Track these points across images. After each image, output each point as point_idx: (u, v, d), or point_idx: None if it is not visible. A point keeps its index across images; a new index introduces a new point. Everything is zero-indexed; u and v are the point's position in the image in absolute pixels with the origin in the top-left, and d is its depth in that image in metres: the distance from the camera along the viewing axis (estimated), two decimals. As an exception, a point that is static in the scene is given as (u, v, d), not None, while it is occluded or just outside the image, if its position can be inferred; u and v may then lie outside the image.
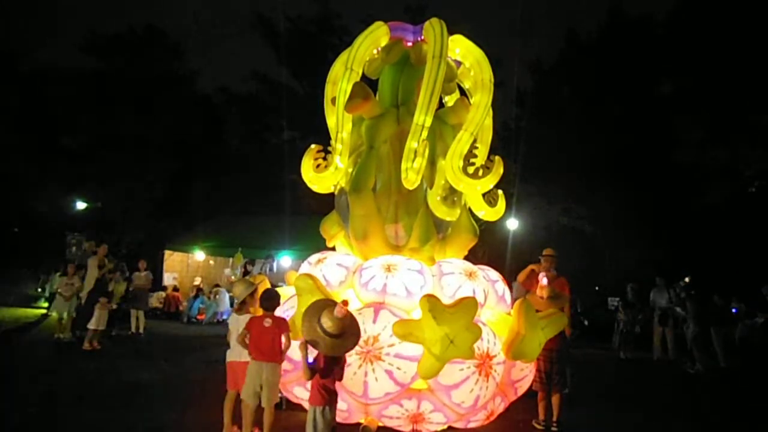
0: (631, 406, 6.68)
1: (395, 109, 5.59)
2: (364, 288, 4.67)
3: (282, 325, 4.20)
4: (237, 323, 4.53)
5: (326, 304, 3.84)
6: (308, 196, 11.77)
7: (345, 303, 3.76)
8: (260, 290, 5.04)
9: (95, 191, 19.46)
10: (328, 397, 3.74)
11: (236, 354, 4.47)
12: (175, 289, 14.71)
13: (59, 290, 9.53)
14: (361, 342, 4.27)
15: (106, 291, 9.39)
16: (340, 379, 3.88)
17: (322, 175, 5.47)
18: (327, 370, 3.72)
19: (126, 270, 11.48)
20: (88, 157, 18.72)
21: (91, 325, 8.37)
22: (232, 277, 10.24)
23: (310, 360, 3.77)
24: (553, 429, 5.18)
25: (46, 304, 13.06)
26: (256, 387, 4.09)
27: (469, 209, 5.72)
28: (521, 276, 6.41)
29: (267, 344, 4.11)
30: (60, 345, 8.60)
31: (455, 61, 5.81)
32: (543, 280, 5.39)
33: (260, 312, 4.38)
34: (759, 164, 17.44)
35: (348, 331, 3.72)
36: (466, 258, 5.56)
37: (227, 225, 16.22)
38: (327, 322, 3.61)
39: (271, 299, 4.37)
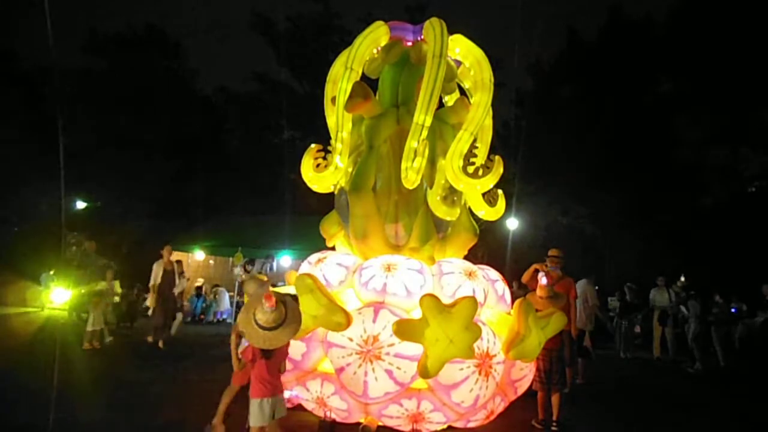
0: (631, 406, 6.69)
1: (395, 108, 5.59)
2: (364, 287, 4.67)
3: None
4: None
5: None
6: (308, 196, 11.77)
7: (268, 297, 3.64)
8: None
9: (95, 191, 19.45)
10: (264, 389, 3.64)
11: None
12: None
13: (95, 293, 9.22)
14: (360, 341, 4.28)
15: (172, 295, 9.24)
16: (282, 371, 3.81)
17: (322, 174, 5.47)
18: (255, 361, 3.65)
19: (114, 269, 11.29)
20: (88, 157, 18.71)
21: (89, 327, 8.38)
22: (243, 276, 10.06)
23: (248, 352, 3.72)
24: (553, 428, 5.18)
25: (40, 304, 13.02)
26: None
27: (469, 209, 5.72)
28: (525, 276, 6.44)
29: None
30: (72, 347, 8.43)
31: (455, 60, 5.81)
32: (542, 280, 5.39)
33: None
34: (759, 164, 17.45)
35: (282, 325, 3.58)
36: (466, 258, 5.57)
37: (227, 225, 16.20)
38: (258, 315, 3.53)
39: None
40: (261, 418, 3.61)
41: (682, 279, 11.35)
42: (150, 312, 9.19)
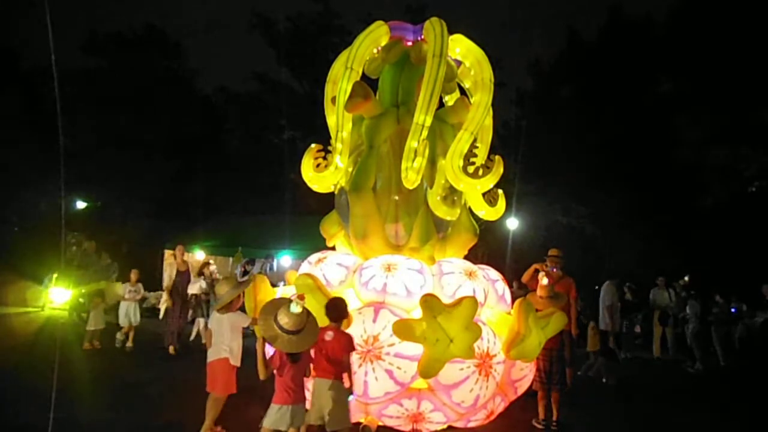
0: (631, 406, 6.69)
1: (395, 108, 5.59)
2: (364, 287, 4.67)
3: (344, 340, 3.93)
4: (219, 323, 4.39)
5: (282, 302, 3.73)
6: (308, 196, 11.75)
7: (301, 297, 3.67)
8: (257, 290, 5.02)
9: (95, 191, 19.45)
10: (287, 396, 3.61)
11: (215, 353, 4.40)
12: None
13: (125, 296, 8.67)
14: (361, 341, 4.28)
15: (186, 298, 8.68)
16: (307, 375, 3.78)
17: (322, 174, 5.47)
18: (283, 368, 3.62)
19: (117, 269, 11.13)
20: (88, 157, 18.73)
21: (89, 326, 8.37)
22: (217, 274, 9.26)
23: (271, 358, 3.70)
24: (553, 428, 5.18)
25: (41, 304, 12.96)
26: (320, 407, 3.80)
27: (469, 209, 5.72)
28: (525, 276, 6.43)
29: (324, 359, 3.85)
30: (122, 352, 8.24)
31: (455, 60, 5.81)
32: (543, 280, 5.39)
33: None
34: (759, 164, 17.43)
35: (306, 328, 3.60)
36: (466, 258, 5.57)
37: (227, 225, 16.21)
38: (284, 319, 3.52)
39: (336, 309, 4.00)
40: (277, 423, 3.58)
41: (686, 279, 11.34)
42: (161, 315, 8.72)
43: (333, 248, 5.87)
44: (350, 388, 3.99)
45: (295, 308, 3.53)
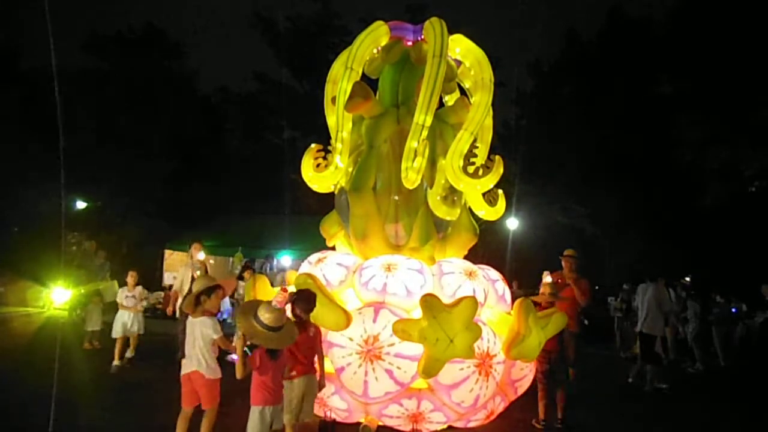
0: (632, 406, 6.69)
1: (395, 108, 5.58)
2: (364, 287, 4.66)
3: (320, 331, 4.07)
4: (197, 329, 4.04)
5: (259, 302, 3.69)
6: (308, 196, 11.76)
7: (284, 290, 3.65)
8: (257, 290, 5.01)
9: (95, 191, 19.46)
10: (268, 396, 3.55)
11: (196, 364, 4.05)
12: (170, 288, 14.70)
13: (122, 303, 7.49)
14: (361, 341, 4.28)
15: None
16: (285, 376, 3.73)
17: (322, 174, 5.46)
18: (264, 367, 3.55)
19: (109, 268, 10.89)
20: (88, 157, 18.74)
21: (88, 327, 8.36)
22: (197, 272, 7.86)
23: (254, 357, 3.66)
24: (557, 426, 5.18)
25: (42, 304, 12.93)
26: (306, 402, 3.85)
27: (469, 209, 5.72)
28: (540, 298, 6.29)
29: (311, 355, 3.93)
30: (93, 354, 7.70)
31: (455, 60, 5.80)
32: (547, 278, 5.38)
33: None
34: (759, 164, 17.44)
35: (285, 326, 3.57)
36: (466, 258, 5.56)
37: (227, 225, 16.21)
38: (264, 314, 3.48)
39: (311, 301, 3.94)
40: (260, 427, 3.51)
41: (686, 279, 11.33)
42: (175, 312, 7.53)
43: (333, 248, 5.86)
44: (322, 379, 4.08)
45: (276, 305, 3.52)
